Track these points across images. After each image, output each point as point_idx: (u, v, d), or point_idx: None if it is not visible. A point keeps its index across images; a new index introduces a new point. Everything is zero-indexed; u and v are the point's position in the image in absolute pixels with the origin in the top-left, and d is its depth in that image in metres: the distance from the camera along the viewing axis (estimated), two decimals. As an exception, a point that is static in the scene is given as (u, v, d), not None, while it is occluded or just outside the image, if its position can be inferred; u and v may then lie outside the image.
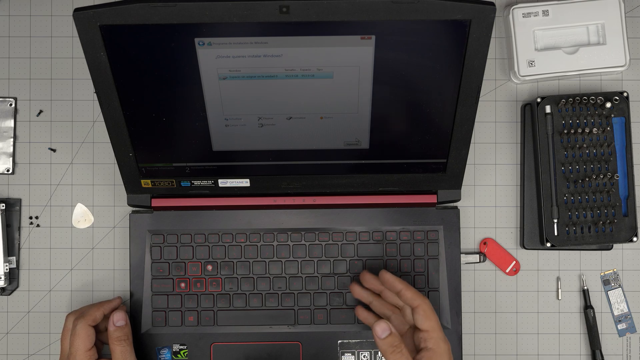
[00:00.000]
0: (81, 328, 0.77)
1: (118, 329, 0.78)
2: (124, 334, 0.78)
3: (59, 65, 0.87)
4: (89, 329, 0.77)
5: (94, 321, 0.78)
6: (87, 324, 0.77)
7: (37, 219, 0.87)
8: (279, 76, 0.72)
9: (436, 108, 0.75)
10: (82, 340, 0.77)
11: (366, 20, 0.67)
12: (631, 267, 0.87)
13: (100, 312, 0.79)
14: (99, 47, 0.69)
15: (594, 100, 0.83)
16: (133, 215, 0.85)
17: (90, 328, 0.77)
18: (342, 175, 0.82)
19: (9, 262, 0.85)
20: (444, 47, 0.70)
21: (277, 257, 0.85)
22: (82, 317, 0.78)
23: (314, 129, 0.77)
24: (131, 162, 0.79)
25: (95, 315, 0.78)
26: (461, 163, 0.80)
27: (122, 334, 0.78)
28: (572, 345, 0.86)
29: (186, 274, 0.84)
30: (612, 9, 0.83)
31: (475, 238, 0.87)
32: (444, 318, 0.84)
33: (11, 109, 0.87)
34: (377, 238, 0.85)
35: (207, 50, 0.69)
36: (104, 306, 0.80)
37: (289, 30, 0.68)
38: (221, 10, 0.66)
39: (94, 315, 0.78)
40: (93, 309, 0.79)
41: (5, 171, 0.86)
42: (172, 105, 0.74)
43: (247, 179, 0.82)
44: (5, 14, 0.87)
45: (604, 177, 0.83)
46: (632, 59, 0.86)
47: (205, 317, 0.84)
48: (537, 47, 0.84)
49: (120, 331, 0.78)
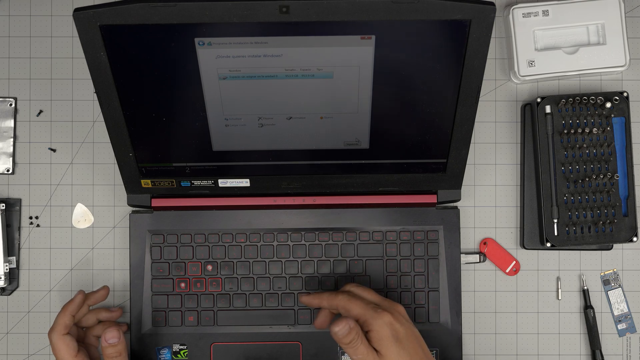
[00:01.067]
0: (56, 340, 0.76)
1: (110, 347, 0.76)
2: (117, 351, 0.76)
3: (59, 65, 0.87)
4: (65, 337, 0.76)
5: (66, 328, 0.77)
6: (60, 334, 0.76)
7: (37, 219, 0.87)
8: (279, 76, 0.72)
9: (436, 108, 0.75)
10: (64, 350, 0.76)
11: (366, 20, 0.67)
12: (631, 267, 0.87)
13: (67, 317, 0.77)
14: (99, 47, 0.69)
15: (594, 100, 0.83)
16: (133, 215, 0.85)
17: (66, 337, 0.76)
18: (342, 175, 0.82)
19: (9, 262, 0.85)
20: (444, 47, 0.70)
21: (277, 257, 0.85)
22: (53, 329, 0.77)
23: (314, 129, 0.77)
24: (131, 162, 0.79)
25: (64, 322, 0.77)
26: (461, 163, 0.80)
27: (114, 351, 0.76)
28: (572, 345, 0.86)
29: (186, 274, 0.84)
30: (612, 9, 0.83)
31: (475, 238, 0.87)
32: (444, 318, 0.84)
33: (11, 109, 0.87)
34: (377, 238, 0.85)
35: (207, 50, 0.69)
36: (68, 309, 0.78)
37: (289, 30, 0.68)
38: (221, 10, 0.66)
39: (63, 323, 0.77)
40: (59, 316, 0.77)
41: (5, 171, 0.86)
42: (172, 105, 0.74)
43: (247, 179, 0.82)
44: (5, 14, 0.87)
45: (604, 177, 0.83)
46: (632, 59, 0.86)
47: (205, 317, 0.84)
48: (537, 47, 0.84)
49: (113, 348, 0.76)
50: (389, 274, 0.84)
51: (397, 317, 0.71)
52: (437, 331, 0.84)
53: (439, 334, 0.84)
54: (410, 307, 0.84)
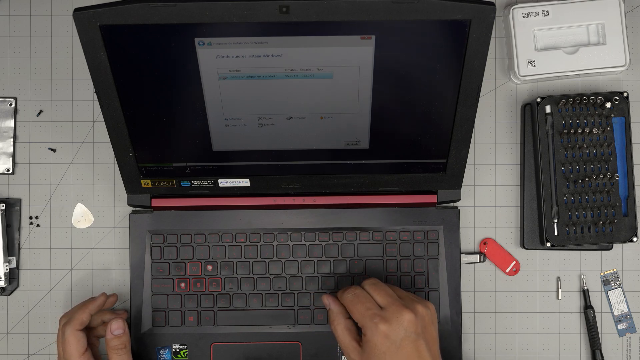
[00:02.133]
0: (70, 334, 0.76)
1: (115, 338, 0.77)
2: (122, 343, 0.77)
3: (59, 65, 0.87)
4: (78, 333, 0.77)
5: (81, 324, 0.77)
6: (74, 329, 0.77)
7: (37, 219, 0.87)
8: (279, 76, 0.72)
9: (436, 108, 0.75)
10: (74, 346, 0.76)
11: (366, 20, 0.67)
12: (631, 267, 0.87)
13: (86, 314, 0.78)
14: (99, 47, 0.69)
15: (594, 100, 0.83)
16: (133, 215, 0.85)
17: (78, 332, 0.77)
18: (342, 175, 0.82)
19: (9, 262, 0.85)
20: (444, 47, 0.70)
21: (277, 257, 0.85)
22: (69, 323, 0.77)
23: (314, 129, 0.77)
24: (131, 162, 0.79)
25: (81, 318, 0.77)
26: (461, 163, 0.80)
27: (119, 342, 0.77)
28: (572, 345, 0.86)
29: (186, 274, 0.84)
30: (612, 9, 0.83)
31: (475, 238, 0.87)
32: (443, 318, 0.84)
33: (11, 109, 0.87)
34: (377, 238, 0.85)
35: (207, 50, 0.69)
36: (88, 307, 0.79)
37: (289, 30, 0.68)
38: (221, 10, 0.66)
39: (80, 319, 0.77)
40: (79, 312, 0.78)
41: (5, 171, 0.86)
42: (172, 105, 0.74)
43: (247, 179, 0.82)
44: (5, 14, 0.87)
45: (604, 177, 0.83)
46: (632, 59, 0.86)
47: (205, 317, 0.84)
48: (537, 47, 0.84)
49: (118, 340, 0.77)
50: (389, 274, 0.84)
51: (397, 327, 0.70)
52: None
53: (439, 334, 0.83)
54: (410, 307, 0.84)
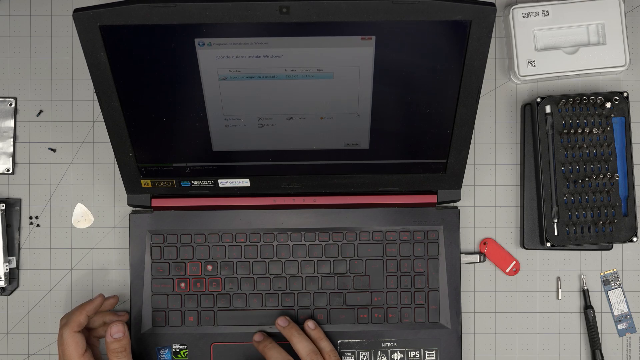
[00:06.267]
0: (68, 336, 0.77)
1: (115, 341, 0.77)
2: (121, 346, 0.77)
3: (59, 65, 0.87)
4: (76, 335, 0.77)
5: (79, 326, 0.77)
6: (72, 331, 0.77)
7: (37, 219, 0.87)
8: (279, 76, 0.72)
9: (436, 108, 0.75)
10: (72, 348, 0.76)
11: (366, 21, 0.67)
12: (631, 267, 0.87)
13: (83, 316, 0.78)
14: (99, 47, 0.69)
15: (594, 100, 0.83)
16: (133, 215, 0.85)
17: (76, 334, 0.77)
18: (342, 176, 0.82)
19: (9, 262, 0.85)
20: (444, 48, 0.70)
21: (277, 257, 0.85)
22: (67, 325, 0.77)
23: (314, 129, 0.77)
24: (131, 162, 0.79)
25: (78, 320, 0.77)
26: (461, 163, 0.80)
27: (119, 346, 0.77)
28: (572, 345, 0.86)
29: (186, 274, 0.84)
30: (612, 9, 0.83)
31: (475, 238, 0.87)
32: (444, 318, 0.84)
33: (11, 109, 0.87)
34: (377, 238, 0.85)
35: (207, 50, 0.69)
36: (86, 309, 0.79)
37: (289, 31, 0.68)
38: (221, 10, 0.66)
39: (78, 321, 0.77)
40: (76, 314, 0.78)
41: (5, 171, 0.86)
42: (172, 106, 0.74)
43: (247, 179, 0.82)
44: (5, 14, 0.87)
45: (604, 177, 0.83)
46: (632, 59, 0.86)
47: (205, 317, 0.84)
48: (537, 47, 0.84)
49: (118, 343, 0.77)
50: (389, 274, 0.84)
51: None
52: (437, 331, 0.84)
53: (439, 334, 0.84)
54: (410, 307, 0.84)
